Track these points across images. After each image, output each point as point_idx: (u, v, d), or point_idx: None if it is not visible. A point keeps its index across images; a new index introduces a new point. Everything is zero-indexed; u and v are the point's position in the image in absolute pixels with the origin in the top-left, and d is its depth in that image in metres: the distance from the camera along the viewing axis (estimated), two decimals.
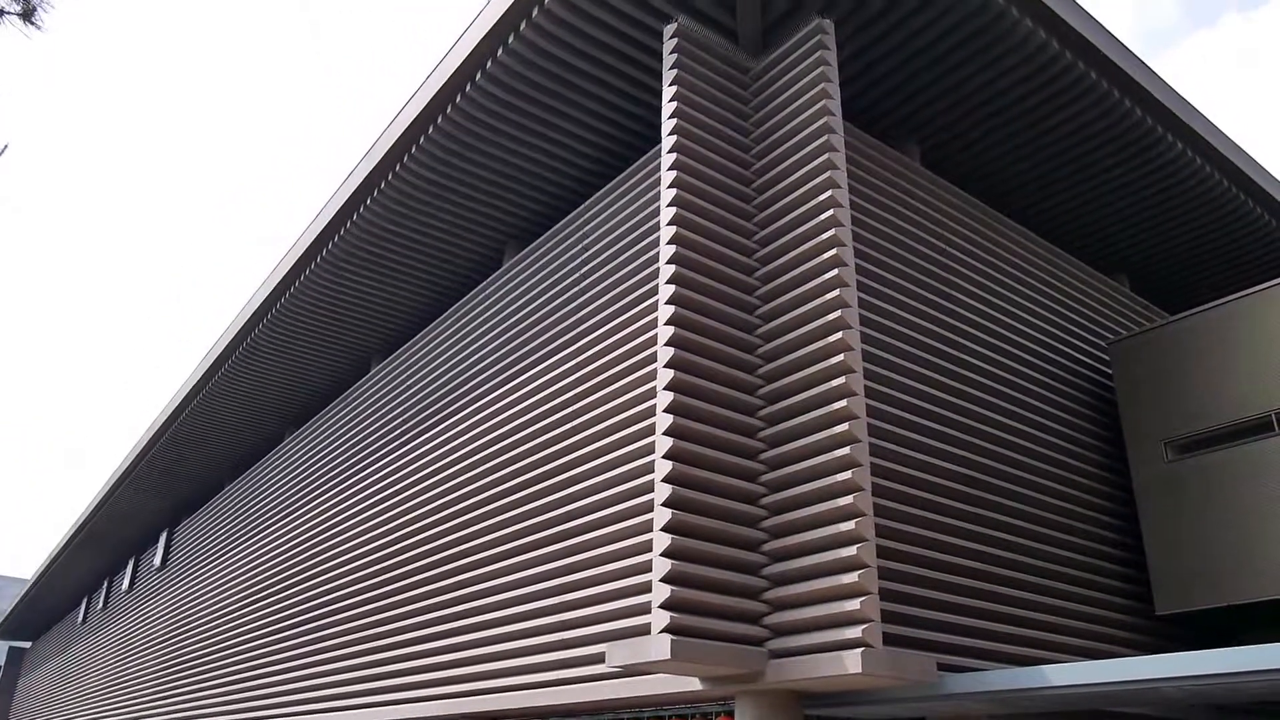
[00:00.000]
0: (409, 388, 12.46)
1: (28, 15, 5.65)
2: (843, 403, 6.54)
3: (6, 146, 5.37)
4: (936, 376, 8.25)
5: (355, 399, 14.24)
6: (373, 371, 13.98)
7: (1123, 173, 10.39)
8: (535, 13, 8.45)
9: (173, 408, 18.32)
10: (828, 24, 8.01)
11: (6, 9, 5.61)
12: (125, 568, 27.19)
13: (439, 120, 9.76)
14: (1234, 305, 9.24)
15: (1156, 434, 9.51)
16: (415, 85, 9.91)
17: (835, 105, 7.61)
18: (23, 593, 36.61)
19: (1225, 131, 10.42)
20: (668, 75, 7.96)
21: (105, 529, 25.97)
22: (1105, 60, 8.98)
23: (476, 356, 10.92)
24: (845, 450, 6.41)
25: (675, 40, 8.03)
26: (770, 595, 6.56)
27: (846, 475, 6.34)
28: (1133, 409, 9.80)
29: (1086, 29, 8.77)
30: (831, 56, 7.87)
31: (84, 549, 28.12)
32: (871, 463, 6.85)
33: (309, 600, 13.43)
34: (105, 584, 29.78)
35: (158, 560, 23.37)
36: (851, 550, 6.12)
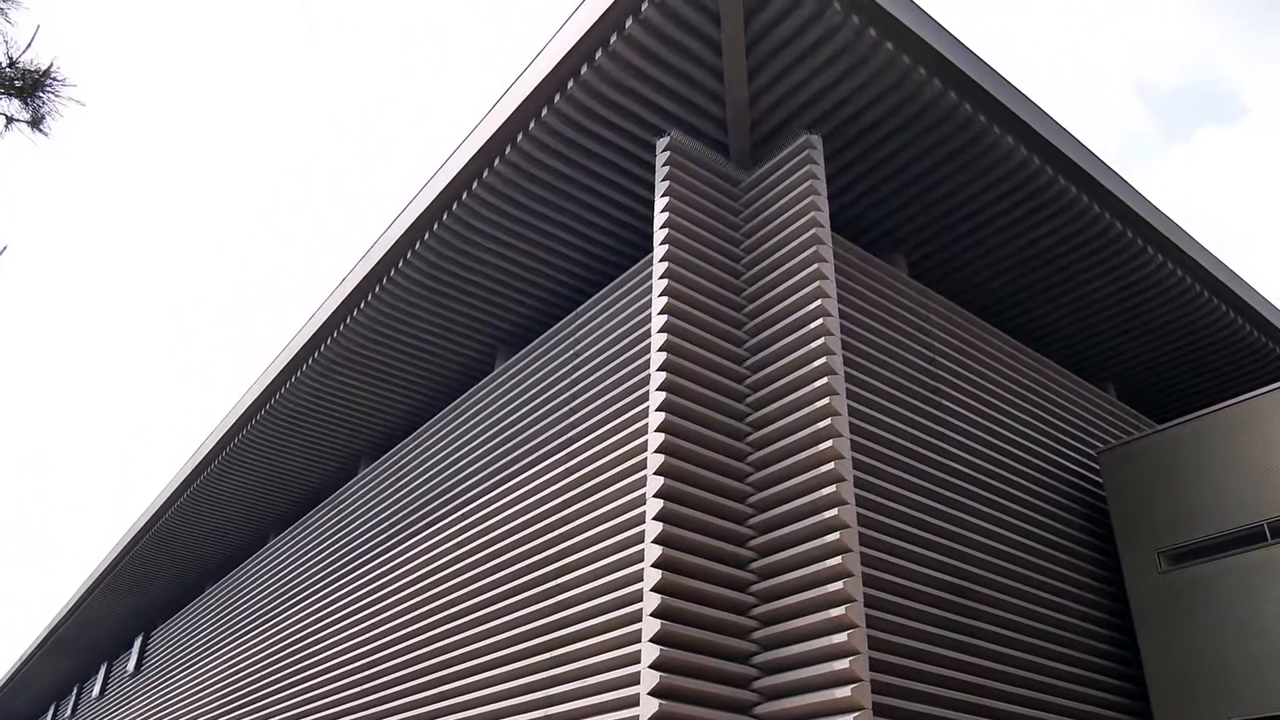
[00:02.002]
0: (397, 491, 12.34)
1: (36, 123, 5.75)
2: (834, 511, 6.51)
3: (6, 247, 5.41)
4: (926, 485, 8.23)
5: (342, 502, 14.08)
6: (360, 474, 13.87)
7: (1105, 284, 10.58)
8: (532, 125, 8.69)
9: (155, 508, 18.07)
10: (816, 139, 8.26)
11: (15, 117, 5.71)
12: (97, 673, 26.37)
13: (435, 227, 9.93)
14: (1222, 414, 9.29)
15: (1149, 544, 9.44)
16: (409, 193, 10.12)
17: (824, 217, 7.79)
18: None
19: (1204, 244, 10.66)
20: (660, 187, 8.16)
21: (78, 633, 25.28)
22: (1085, 175, 9.24)
23: (466, 461, 10.85)
24: (837, 560, 6.35)
25: (667, 153, 8.26)
26: (762, 710, 6.40)
27: (838, 585, 6.26)
28: (1124, 518, 9.75)
29: (1066, 146, 9.05)
30: (820, 170, 8.09)
31: (55, 653, 27.32)
32: (863, 572, 6.77)
33: (290, 707, 13.02)
34: (75, 690, 28.84)
35: (131, 665, 22.70)
36: (844, 664, 6.01)
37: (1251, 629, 8.43)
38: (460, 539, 10.24)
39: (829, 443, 6.73)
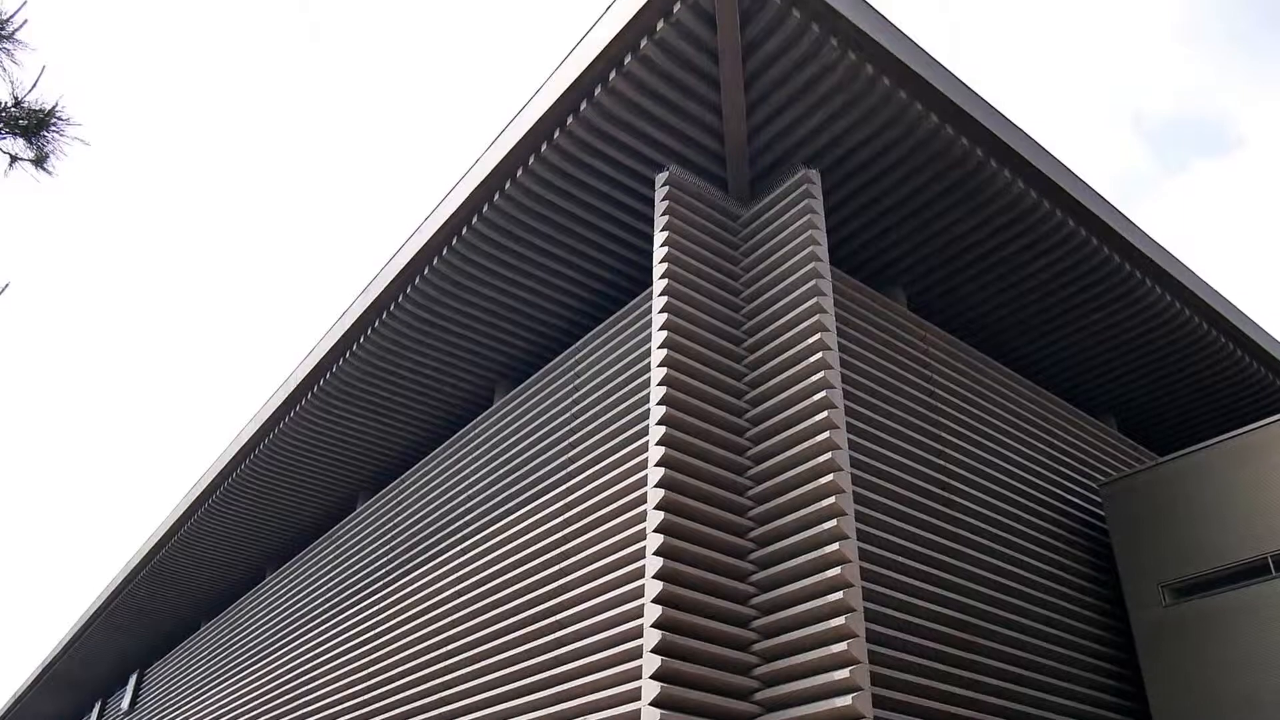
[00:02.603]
0: (396, 525, 12.27)
1: (40, 162, 5.78)
2: (835, 546, 6.47)
3: (8, 285, 5.41)
4: (927, 518, 8.19)
5: (340, 536, 14.00)
6: (359, 509, 13.80)
7: (1105, 317, 10.59)
8: (532, 160, 8.74)
9: (152, 544, 17.96)
10: (814, 174, 8.31)
11: (20, 155, 5.74)
12: (91, 711, 26.09)
13: (434, 261, 9.95)
14: (1225, 446, 9.27)
15: (1153, 577, 9.38)
16: (406, 231, 10.16)
17: (823, 251, 7.82)
18: None
19: (1203, 277, 10.69)
20: (659, 221, 8.19)
21: (73, 669, 25.04)
22: (1083, 209, 9.28)
23: (466, 494, 10.80)
24: (838, 595, 6.31)
25: (667, 188, 8.31)
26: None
27: (840, 621, 6.22)
28: (1127, 551, 9.70)
29: (1063, 180, 9.10)
30: (818, 205, 8.13)
31: (48, 691, 27.04)
32: (864, 607, 6.73)
33: None
34: None
35: (126, 703, 22.47)
36: (847, 700, 5.96)
37: (1257, 662, 8.36)
38: (461, 572, 10.17)
39: (829, 476, 6.71)
